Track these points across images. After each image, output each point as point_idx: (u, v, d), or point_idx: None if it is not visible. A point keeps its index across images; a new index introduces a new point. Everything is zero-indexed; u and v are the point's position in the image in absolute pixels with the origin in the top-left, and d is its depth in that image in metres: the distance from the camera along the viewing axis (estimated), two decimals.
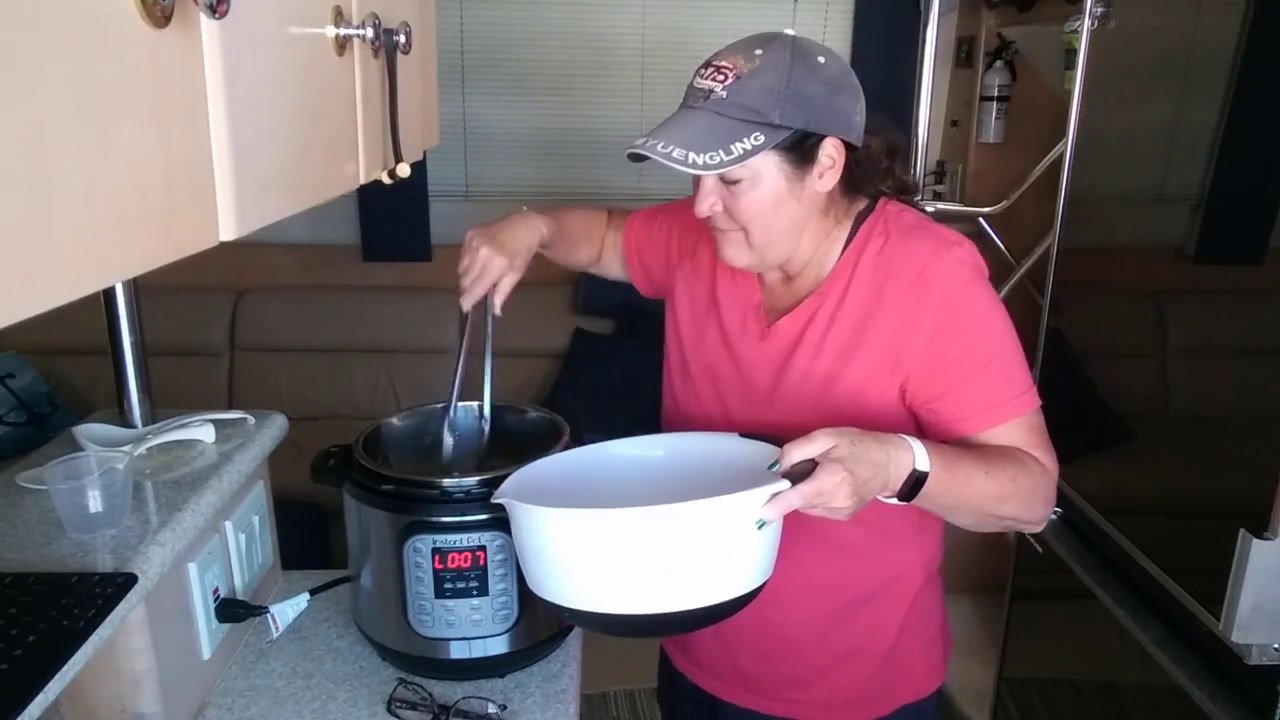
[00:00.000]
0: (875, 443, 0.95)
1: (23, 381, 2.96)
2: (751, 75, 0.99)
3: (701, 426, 1.23)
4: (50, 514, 1.08)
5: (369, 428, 1.29)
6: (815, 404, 1.12)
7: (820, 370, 1.12)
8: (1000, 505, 1.04)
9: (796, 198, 1.06)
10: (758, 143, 0.99)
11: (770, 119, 0.99)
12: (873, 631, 1.21)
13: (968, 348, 1.06)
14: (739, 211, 1.06)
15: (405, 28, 0.99)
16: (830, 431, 0.93)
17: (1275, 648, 1.26)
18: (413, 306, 3.34)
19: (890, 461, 0.95)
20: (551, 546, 0.95)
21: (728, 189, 1.05)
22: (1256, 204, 1.35)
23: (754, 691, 1.26)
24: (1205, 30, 1.49)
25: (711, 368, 1.22)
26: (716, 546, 0.91)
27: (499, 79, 3.35)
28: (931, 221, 1.14)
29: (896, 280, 1.08)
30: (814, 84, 1.01)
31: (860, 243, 1.12)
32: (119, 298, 1.27)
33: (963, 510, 1.05)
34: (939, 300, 1.06)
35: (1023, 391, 1.08)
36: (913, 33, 2.92)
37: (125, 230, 0.55)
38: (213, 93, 0.63)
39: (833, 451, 0.92)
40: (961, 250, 1.08)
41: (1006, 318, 1.09)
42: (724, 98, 1.00)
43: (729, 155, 0.98)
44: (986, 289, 1.09)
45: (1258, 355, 1.35)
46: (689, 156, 0.98)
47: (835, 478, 0.90)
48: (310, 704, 1.19)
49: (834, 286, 1.12)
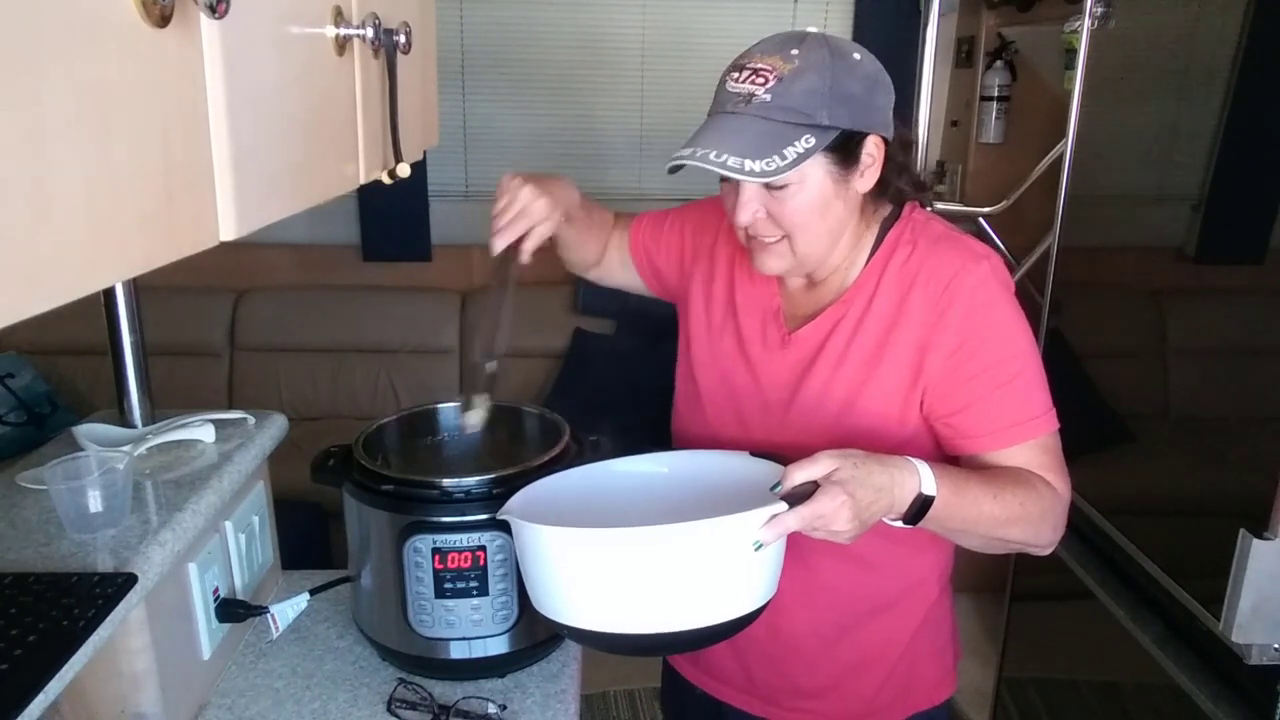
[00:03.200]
0: (879, 466, 0.93)
1: (23, 381, 2.96)
2: (794, 76, 0.96)
3: (714, 436, 1.21)
4: (50, 514, 1.08)
5: (369, 428, 1.29)
6: (836, 416, 1.10)
7: (842, 381, 1.09)
8: (1007, 530, 1.02)
9: (842, 199, 1.04)
10: (809, 145, 0.96)
11: (819, 120, 0.96)
12: (887, 640, 1.20)
13: (989, 364, 1.04)
14: (785, 217, 1.03)
15: (405, 28, 0.99)
16: (833, 453, 0.92)
17: (1275, 648, 1.26)
18: (413, 306, 3.35)
19: (895, 485, 0.94)
20: (549, 564, 0.94)
21: (771, 195, 1.01)
22: (1256, 204, 1.35)
23: (765, 700, 1.25)
24: (1205, 30, 1.49)
25: (726, 375, 1.20)
26: (713, 568, 0.90)
27: (499, 79, 3.36)
28: (960, 232, 1.11)
29: (923, 291, 1.05)
30: (855, 81, 0.99)
31: (887, 250, 1.09)
32: (119, 298, 1.27)
33: (969, 534, 1.03)
34: (964, 314, 1.04)
35: (1042, 413, 1.06)
36: (913, 33, 2.92)
37: (125, 230, 0.55)
38: (213, 93, 0.63)
39: (835, 474, 0.90)
40: (989, 264, 1.06)
41: (1030, 336, 1.07)
42: (768, 101, 0.96)
43: (784, 160, 0.95)
44: (1012, 305, 1.07)
45: (1258, 355, 1.35)
46: (745, 164, 0.95)
47: (835, 501, 0.88)
48: (310, 704, 1.19)
49: (858, 295, 1.09)
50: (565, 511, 1.04)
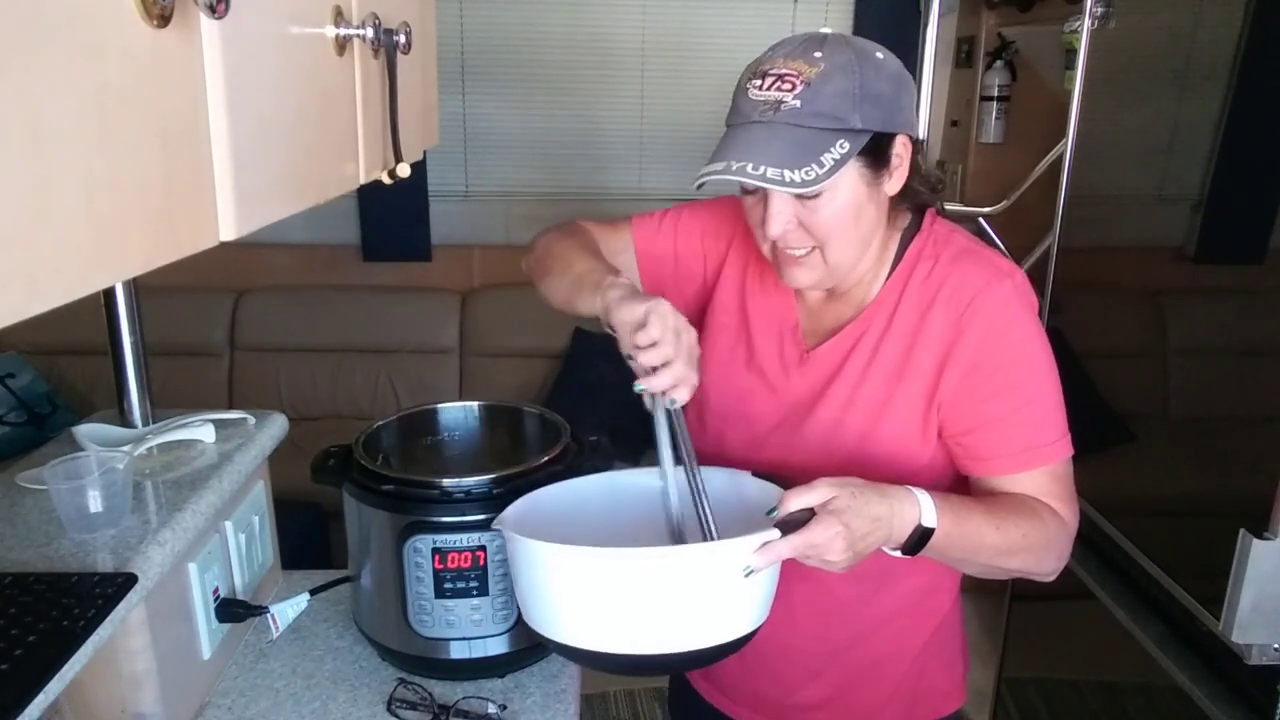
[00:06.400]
0: (878, 496, 0.91)
1: (23, 381, 2.96)
2: (822, 80, 0.93)
3: (722, 452, 1.16)
4: (50, 514, 1.08)
5: (369, 428, 1.29)
6: (856, 438, 1.06)
7: (862, 402, 1.06)
8: (1008, 560, 1.00)
9: (874, 203, 1.01)
10: (845, 151, 0.93)
11: (852, 124, 0.93)
12: (898, 651, 1.18)
13: (1004, 386, 1.02)
14: (818, 226, 0.98)
15: (405, 28, 0.99)
16: (831, 481, 0.90)
17: (1275, 648, 1.26)
18: (413, 306, 3.35)
19: (894, 515, 0.92)
20: (541, 579, 0.93)
21: (803, 204, 0.97)
22: (1256, 204, 1.35)
23: (773, 717, 1.23)
24: (1205, 30, 1.49)
25: (738, 391, 1.15)
26: (704, 591, 0.88)
27: (499, 79, 3.36)
28: (983, 245, 1.08)
29: (944, 307, 1.02)
30: (883, 82, 0.95)
31: (909, 265, 1.06)
32: (119, 298, 1.27)
33: (969, 562, 1.02)
34: (983, 333, 1.01)
35: (1056, 439, 1.03)
36: (913, 33, 2.92)
37: (125, 230, 0.55)
38: (213, 93, 0.63)
39: (832, 503, 0.88)
40: (1014, 282, 1.02)
41: (1051, 358, 1.04)
42: (798, 107, 0.92)
43: (822, 168, 0.92)
44: (1035, 326, 1.03)
45: (1258, 355, 1.35)
46: (784, 175, 0.91)
47: (829, 531, 0.86)
48: (310, 704, 1.19)
49: (880, 311, 1.06)
50: (561, 523, 1.03)
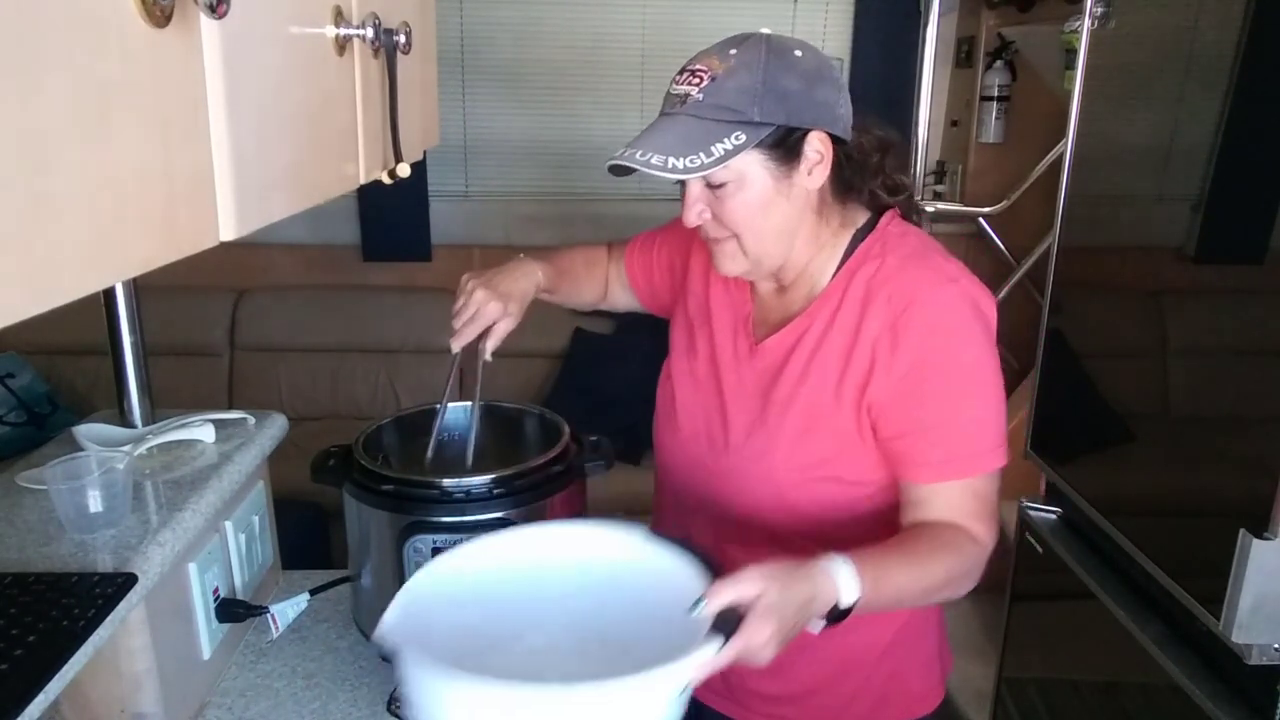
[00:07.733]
0: (804, 580, 0.88)
1: (23, 381, 2.96)
2: (727, 75, 0.98)
3: (684, 449, 1.20)
4: (50, 514, 1.08)
5: (369, 428, 1.29)
6: (802, 432, 1.08)
7: (807, 396, 1.07)
8: (929, 598, 1.06)
9: (785, 197, 1.03)
10: (739, 142, 0.97)
11: (750, 117, 0.97)
12: (862, 649, 1.17)
13: (936, 393, 1.02)
14: (727, 216, 1.03)
15: (405, 28, 0.99)
16: (759, 574, 0.85)
17: (1275, 648, 1.26)
18: (413, 306, 3.34)
19: (816, 598, 0.89)
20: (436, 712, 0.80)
21: (714, 194, 1.02)
22: (1256, 204, 1.35)
23: (741, 705, 1.22)
24: (1205, 30, 1.49)
25: (700, 385, 1.19)
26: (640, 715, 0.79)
27: (499, 79, 3.36)
28: (936, 249, 1.09)
29: (884, 309, 1.03)
30: (792, 78, 0.98)
31: (856, 262, 1.08)
32: (119, 298, 1.27)
33: (892, 608, 1.08)
34: (919, 339, 1.01)
35: (986, 450, 1.03)
36: (913, 33, 2.92)
37: (125, 230, 0.55)
38: (213, 92, 0.63)
39: (761, 601, 0.83)
40: (958, 288, 1.03)
41: (991, 366, 1.04)
42: (700, 100, 0.98)
43: (710, 157, 0.96)
44: (977, 332, 1.03)
45: (1258, 355, 1.35)
46: (668, 162, 0.96)
47: (765, 631, 0.82)
48: (310, 704, 1.19)
49: (824, 307, 1.08)
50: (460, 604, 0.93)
